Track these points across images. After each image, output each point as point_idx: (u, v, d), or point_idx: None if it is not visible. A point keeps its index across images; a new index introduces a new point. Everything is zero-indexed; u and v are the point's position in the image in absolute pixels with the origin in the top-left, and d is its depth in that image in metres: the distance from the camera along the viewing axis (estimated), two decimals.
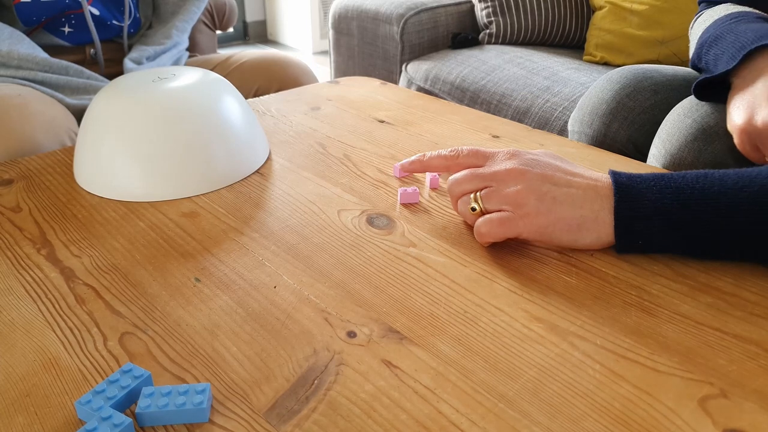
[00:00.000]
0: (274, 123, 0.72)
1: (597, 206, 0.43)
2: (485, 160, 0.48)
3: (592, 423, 0.31)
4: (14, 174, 0.59)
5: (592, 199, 0.43)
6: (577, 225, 0.43)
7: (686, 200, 0.41)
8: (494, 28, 1.58)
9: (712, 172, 0.42)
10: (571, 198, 0.43)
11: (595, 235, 0.43)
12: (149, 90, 0.56)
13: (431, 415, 0.31)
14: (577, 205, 0.43)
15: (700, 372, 0.34)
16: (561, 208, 0.43)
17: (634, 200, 0.42)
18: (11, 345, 0.36)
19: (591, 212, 0.43)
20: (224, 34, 3.40)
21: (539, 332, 0.37)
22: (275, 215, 0.51)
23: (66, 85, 0.86)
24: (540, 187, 0.43)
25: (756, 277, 0.42)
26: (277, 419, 0.31)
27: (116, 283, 0.42)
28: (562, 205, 0.43)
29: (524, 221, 0.43)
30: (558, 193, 0.43)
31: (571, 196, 0.43)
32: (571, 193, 0.43)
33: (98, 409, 0.30)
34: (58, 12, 0.90)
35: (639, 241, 0.43)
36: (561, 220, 0.43)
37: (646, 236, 0.42)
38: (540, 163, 0.45)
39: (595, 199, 0.43)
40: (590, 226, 0.43)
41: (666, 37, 1.38)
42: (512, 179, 0.44)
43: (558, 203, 0.43)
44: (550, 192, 0.43)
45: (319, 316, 0.39)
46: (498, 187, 0.44)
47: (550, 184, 0.44)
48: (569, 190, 0.43)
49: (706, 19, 0.74)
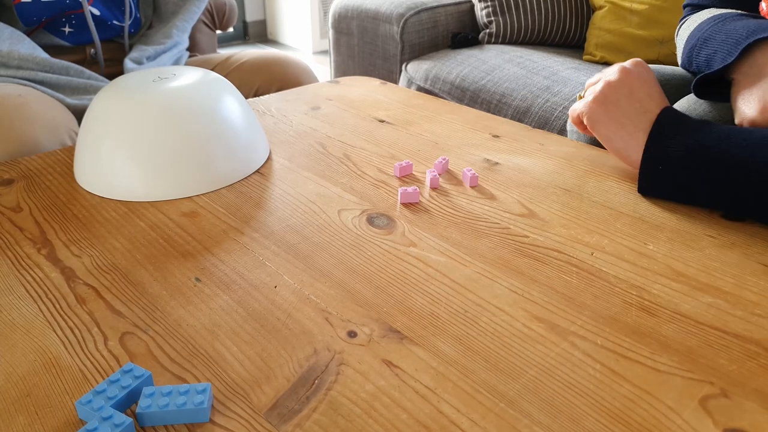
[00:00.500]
0: (274, 123, 0.72)
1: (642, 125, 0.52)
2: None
3: (593, 422, 0.31)
4: (15, 174, 0.59)
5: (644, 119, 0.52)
6: (615, 127, 0.53)
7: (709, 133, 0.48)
8: (494, 28, 1.58)
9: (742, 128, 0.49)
10: (629, 105, 0.53)
11: (623, 145, 0.53)
12: (150, 90, 0.56)
13: (432, 415, 0.31)
14: (629, 113, 0.53)
15: (701, 372, 0.34)
16: (614, 107, 0.53)
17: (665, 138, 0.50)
18: (12, 345, 0.36)
19: (633, 126, 0.52)
20: (224, 34, 3.40)
21: (540, 332, 0.37)
22: (275, 215, 0.51)
23: (66, 85, 0.86)
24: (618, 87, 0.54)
25: (756, 276, 0.42)
26: (277, 419, 0.31)
27: (117, 282, 0.42)
28: (616, 106, 0.53)
29: (586, 104, 0.55)
30: (623, 97, 0.53)
31: (630, 105, 0.53)
32: (633, 104, 0.53)
33: (99, 409, 0.30)
34: (59, 12, 0.90)
35: (659, 166, 0.50)
36: (606, 113, 0.53)
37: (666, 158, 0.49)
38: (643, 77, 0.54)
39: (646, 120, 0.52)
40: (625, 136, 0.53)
41: (666, 37, 1.38)
42: (612, 75, 0.55)
43: (615, 102, 0.53)
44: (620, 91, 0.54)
45: (320, 316, 0.39)
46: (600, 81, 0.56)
47: (627, 89, 0.54)
48: (634, 102, 0.53)
49: (690, 24, 0.74)
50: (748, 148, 0.46)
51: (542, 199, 0.54)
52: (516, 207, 0.52)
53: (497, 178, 0.58)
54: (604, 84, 0.55)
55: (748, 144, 0.46)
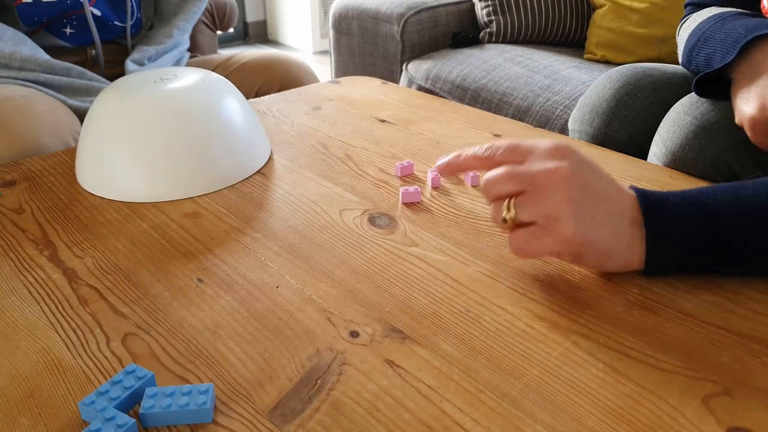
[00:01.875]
0: (275, 123, 0.72)
1: (628, 233, 0.39)
2: (525, 157, 0.41)
3: (596, 422, 0.31)
4: (17, 175, 0.59)
5: (628, 223, 0.40)
6: (607, 251, 0.40)
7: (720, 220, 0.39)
8: (494, 27, 1.58)
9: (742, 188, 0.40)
10: (606, 217, 0.39)
11: (622, 262, 0.40)
12: (151, 91, 0.56)
13: (434, 415, 0.31)
14: (612, 228, 0.39)
15: (704, 370, 0.34)
16: (598, 229, 0.39)
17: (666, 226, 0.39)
18: (15, 346, 0.36)
19: (625, 239, 0.40)
20: (225, 35, 3.40)
21: (542, 331, 0.37)
22: (277, 215, 0.51)
23: (68, 87, 0.86)
24: (581, 199, 0.38)
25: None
26: (280, 419, 0.31)
27: (119, 283, 0.42)
28: (599, 226, 0.39)
29: (561, 242, 0.38)
30: (597, 212, 0.39)
31: (606, 215, 0.39)
32: (609, 211, 0.39)
33: (102, 409, 0.30)
34: (60, 13, 0.90)
35: (672, 267, 0.41)
36: (594, 242, 0.39)
37: (679, 262, 0.41)
38: (583, 165, 0.40)
39: (629, 227, 0.40)
40: (621, 253, 0.40)
41: (666, 35, 1.38)
42: (553, 185, 0.39)
43: (595, 223, 0.39)
44: (590, 209, 0.39)
45: (322, 316, 0.39)
46: (535, 192, 0.39)
47: (591, 196, 0.39)
48: (607, 207, 0.39)
49: (691, 23, 0.74)
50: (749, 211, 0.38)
51: None
52: None
53: None
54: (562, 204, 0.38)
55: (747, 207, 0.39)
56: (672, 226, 0.39)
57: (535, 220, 0.39)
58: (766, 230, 0.38)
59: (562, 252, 0.39)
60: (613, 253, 0.40)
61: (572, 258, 0.40)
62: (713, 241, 0.39)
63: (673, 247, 0.39)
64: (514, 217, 0.40)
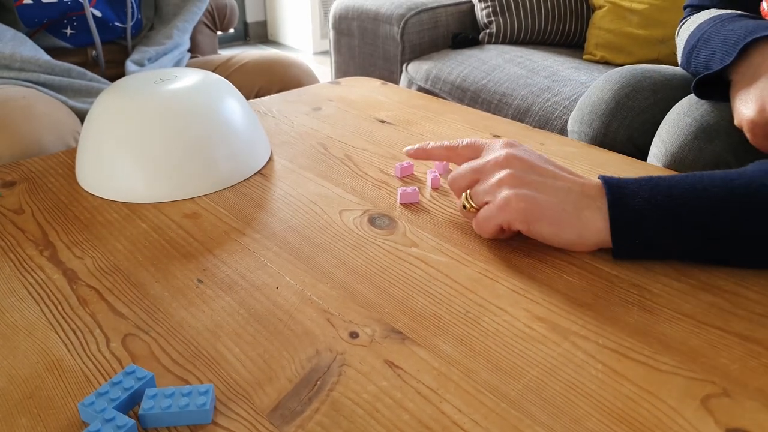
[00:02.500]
0: (275, 124, 0.72)
1: (581, 204, 0.42)
2: (481, 152, 0.48)
3: (595, 423, 0.31)
4: (17, 176, 0.59)
5: (576, 196, 0.43)
6: (557, 218, 0.42)
7: (677, 194, 0.41)
8: (494, 28, 1.58)
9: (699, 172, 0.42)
10: (552, 189, 0.43)
11: (576, 233, 0.43)
12: (151, 91, 0.56)
13: (434, 416, 0.31)
14: (560, 197, 0.43)
15: (703, 371, 0.34)
16: (541, 197, 0.42)
17: (628, 198, 0.42)
18: (14, 347, 0.36)
19: (574, 208, 0.42)
20: (225, 35, 3.40)
21: (541, 332, 0.37)
22: (277, 216, 0.51)
23: (68, 87, 0.87)
24: (523, 175, 0.43)
25: (758, 276, 0.42)
26: (280, 420, 0.31)
27: (119, 284, 0.42)
28: (542, 194, 0.42)
29: (505, 209, 0.43)
30: (540, 183, 0.43)
31: (553, 188, 0.43)
32: (555, 186, 0.43)
33: (101, 410, 0.30)
34: (60, 14, 0.90)
35: (636, 240, 0.42)
36: (540, 209, 0.42)
37: (642, 234, 0.42)
38: (531, 154, 0.46)
39: (580, 197, 0.43)
40: (573, 222, 0.43)
41: (666, 36, 1.38)
42: (498, 167, 0.44)
43: (541, 192, 0.43)
44: (535, 183, 0.43)
45: (322, 317, 0.39)
46: (485, 178, 0.45)
47: (535, 174, 0.44)
48: (554, 182, 0.43)
49: (690, 25, 0.74)
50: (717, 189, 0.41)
51: None
52: None
53: None
54: (506, 179, 0.43)
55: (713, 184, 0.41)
56: (631, 192, 0.42)
57: (488, 200, 0.44)
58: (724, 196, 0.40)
59: (512, 220, 0.43)
60: (563, 222, 0.42)
61: (525, 226, 0.43)
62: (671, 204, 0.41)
63: (636, 215, 0.41)
64: (470, 201, 0.46)
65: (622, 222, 0.42)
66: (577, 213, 0.42)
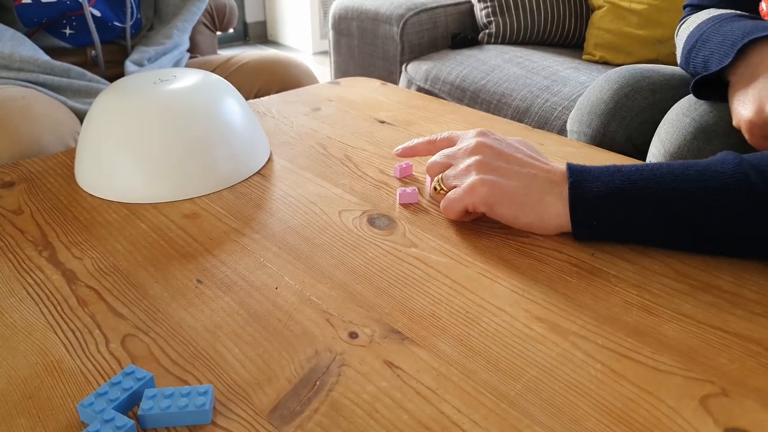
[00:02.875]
0: (274, 124, 0.72)
1: (544, 189, 0.45)
2: (456, 141, 0.51)
3: (594, 423, 0.31)
4: (16, 176, 0.59)
5: (541, 182, 0.45)
6: (518, 202, 0.45)
7: (635, 179, 0.43)
8: (494, 28, 1.58)
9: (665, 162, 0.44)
10: (518, 175, 0.45)
11: (537, 216, 0.45)
12: (150, 92, 0.56)
13: (433, 416, 0.31)
14: (523, 182, 0.45)
15: (701, 371, 0.34)
16: (505, 182, 0.45)
17: (588, 182, 0.44)
18: (13, 348, 0.36)
19: (536, 192, 0.45)
20: (224, 35, 3.40)
21: (541, 332, 0.37)
22: (276, 216, 0.51)
23: (68, 87, 0.87)
24: (491, 161, 0.46)
25: (756, 275, 0.42)
26: (279, 420, 0.31)
27: (118, 284, 0.42)
28: (507, 180, 0.45)
29: (470, 192, 0.45)
30: (506, 170, 0.46)
31: (518, 174, 0.45)
32: (521, 172, 0.45)
33: (100, 411, 0.30)
34: (59, 14, 0.90)
35: (594, 222, 0.44)
36: (503, 192, 0.45)
37: (600, 216, 0.43)
38: (502, 143, 0.48)
39: (544, 183, 0.45)
40: (534, 205, 0.45)
41: (665, 37, 1.38)
42: (468, 154, 0.47)
43: (503, 177, 0.45)
44: (499, 168, 0.46)
45: (321, 317, 0.39)
46: (456, 164, 0.48)
47: (503, 161, 0.46)
48: (520, 169, 0.46)
49: (689, 25, 0.74)
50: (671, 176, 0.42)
51: None
52: None
53: None
54: (474, 165, 0.46)
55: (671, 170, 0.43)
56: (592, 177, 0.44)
57: (456, 184, 0.47)
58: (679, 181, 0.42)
59: (476, 203, 0.45)
60: (525, 206, 0.45)
61: (488, 208, 0.45)
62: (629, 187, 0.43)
63: (593, 196, 0.43)
64: (441, 185, 0.49)
65: (580, 204, 0.44)
66: (539, 197, 0.45)
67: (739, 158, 0.41)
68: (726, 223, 0.41)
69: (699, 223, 0.42)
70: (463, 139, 0.50)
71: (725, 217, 0.41)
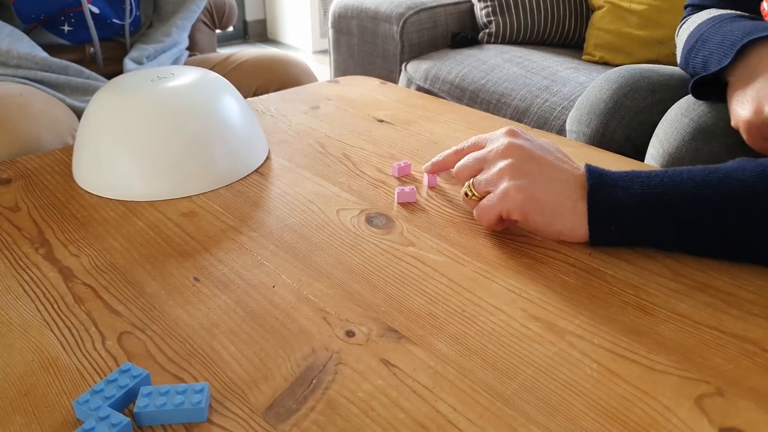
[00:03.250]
0: (273, 122, 0.72)
1: (576, 194, 0.44)
2: (484, 146, 0.49)
3: (590, 422, 0.31)
4: (13, 173, 0.59)
5: (572, 188, 0.44)
6: (551, 210, 0.43)
7: (655, 184, 0.42)
8: (493, 28, 1.58)
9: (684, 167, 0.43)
10: (550, 180, 0.44)
11: (569, 224, 0.44)
12: (148, 89, 0.56)
13: (429, 414, 0.31)
14: (556, 189, 0.44)
15: (697, 371, 0.34)
16: (539, 188, 0.43)
17: (608, 186, 0.43)
18: (9, 345, 0.36)
19: (569, 200, 0.44)
20: (224, 33, 3.40)
21: (537, 331, 0.37)
22: (274, 215, 0.51)
23: (66, 85, 0.86)
24: (523, 165, 0.44)
25: (753, 276, 0.42)
26: (275, 418, 0.31)
27: (115, 282, 0.42)
28: (540, 186, 0.43)
29: (504, 199, 0.44)
30: (540, 176, 0.44)
31: (551, 179, 0.44)
32: (553, 176, 0.44)
33: (96, 408, 0.30)
34: (58, 10, 0.90)
35: (611, 227, 0.43)
36: (537, 200, 0.43)
37: (618, 220, 0.43)
38: (533, 143, 0.47)
39: (576, 188, 0.44)
40: (566, 214, 0.44)
41: (665, 37, 1.38)
42: (500, 157, 0.45)
43: (537, 183, 0.44)
44: (532, 172, 0.44)
45: (318, 316, 0.39)
46: (488, 168, 0.46)
47: (535, 164, 0.44)
48: (552, 173, 0.44)
49: (689, 25, 0.74)
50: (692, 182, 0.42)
51: None
52: None
53: None
54: (506, 169, 0.44)
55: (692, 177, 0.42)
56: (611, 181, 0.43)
57: (489, 189, 0.46)
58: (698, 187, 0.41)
59: (510, 210, 0.44)
60: (556, 214, 0.44)
61: (521, 216, 0.44)
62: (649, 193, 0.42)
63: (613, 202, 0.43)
64: (473, 190, 0.47)
65: (598, 208, 0.43)
66: (572, 204, 0.44)
67: (761, 165, 0.41)
68: (749, 230, 0.41)
69: (717, 229, 0.41)
70: (493, 140, 0.48)
71: (747, 223, 0.40)
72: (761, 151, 0.57)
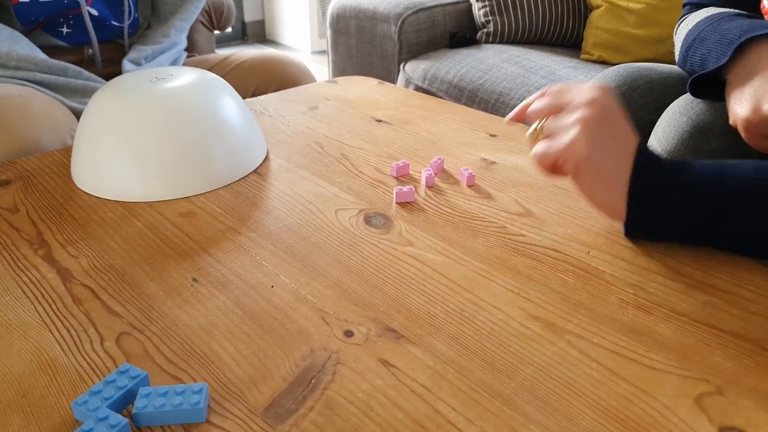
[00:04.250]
0: (271, 123, 0.72)
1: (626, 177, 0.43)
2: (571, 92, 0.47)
3: (589, 421, 0.31)
4: (11, 174, 0.59)
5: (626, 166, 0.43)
6: (606, 175, 0.43)
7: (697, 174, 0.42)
8: (492, 27, 1.58)
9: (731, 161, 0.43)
10: (614, 150, 0.43)
11: (614, 197, 0.44)
12: (147, 90, 0.56)
13: (428, 414, 0.31)
14: (615, 158, 0.43)
15: (697, 370, 0.34)
16: (602, 150, 0.43)
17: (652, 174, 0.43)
18: (8, 346, 0.36)
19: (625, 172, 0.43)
20: (223, 34, 3.40)
21: (536, 330, 0.37)
22: (273, 215, 0.51)
23: (65, 86, 0.86)
24: (601, 125, 0.43)
25: (752, 274, 0.42)
26: (274, 419, 0.31)
27: (113, 283, 0.42)
28: (603, 149, 0.43)
29: (570, 147, 0.43)
30: (607, 140, 0.43)
31: (616, 150, 0.43)
32: (618, 147, 0.43)
33: (95, 409, 0.30)
34: (57, 12, 0.90)
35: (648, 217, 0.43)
36: (595, 163, 0.43)
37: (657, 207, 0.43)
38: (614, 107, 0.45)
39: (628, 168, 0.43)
40: (615, 185, 0.43)
41: (663, 36, 1.38)
42: (583, 108, 0.43)
43: (601, 146, 0.43)
44: (601, 136, 0.43)
45: (317, 316, 0.39)
46: (567, 113, 0.44)
47: (608, 127, 0.43)
48: (617, 142, 0.43)
49: (688, 23, 0.74)
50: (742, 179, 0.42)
51: (539, 199, 0.54)
52: (513, 206, 0.53)
53: (494, 177, 0.58)
54: (583, 120, 0.43)
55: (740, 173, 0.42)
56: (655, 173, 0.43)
57: (558, 133, 0.44)
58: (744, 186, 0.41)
59: (568, 159, 0.43)
60: (608, 182, 0.43)
61: (574, 170, 0.43)
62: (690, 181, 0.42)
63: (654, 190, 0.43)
64: (541, 128, 0.46)
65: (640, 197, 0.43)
66: (624, 180, 0.43)
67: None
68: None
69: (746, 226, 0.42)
70: (581, 91, 0.46)
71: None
72: (759, 149, 0.57)
